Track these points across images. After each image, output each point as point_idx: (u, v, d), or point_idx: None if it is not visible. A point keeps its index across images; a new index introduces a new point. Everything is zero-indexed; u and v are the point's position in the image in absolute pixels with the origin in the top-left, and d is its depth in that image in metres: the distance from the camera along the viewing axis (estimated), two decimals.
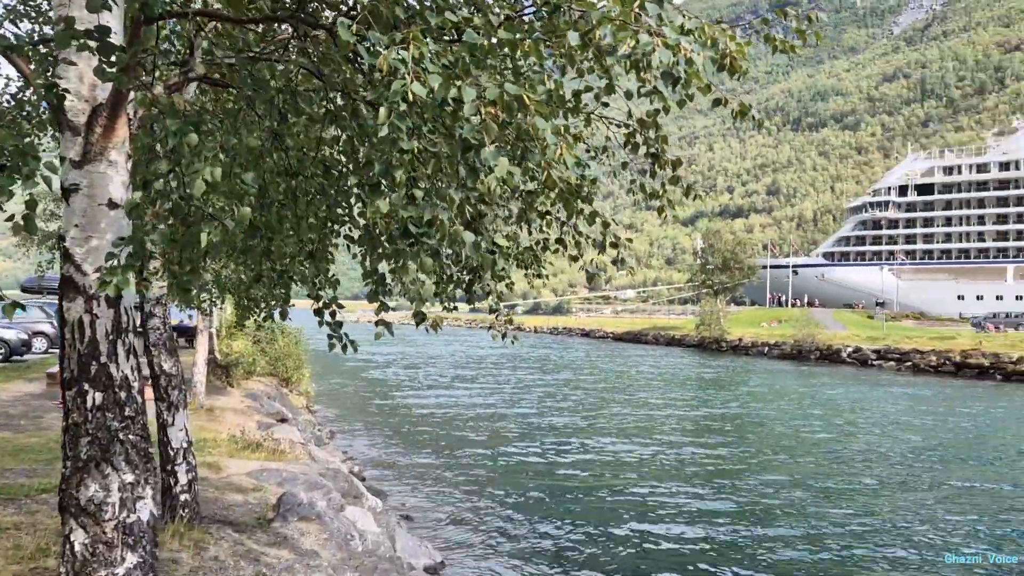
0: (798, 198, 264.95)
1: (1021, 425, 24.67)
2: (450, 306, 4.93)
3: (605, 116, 4.05)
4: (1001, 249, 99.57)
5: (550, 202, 4.05)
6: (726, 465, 17.19)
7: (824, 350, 54.59)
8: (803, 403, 29.72)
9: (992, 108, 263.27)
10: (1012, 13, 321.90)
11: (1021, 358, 40.79)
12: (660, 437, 20.87)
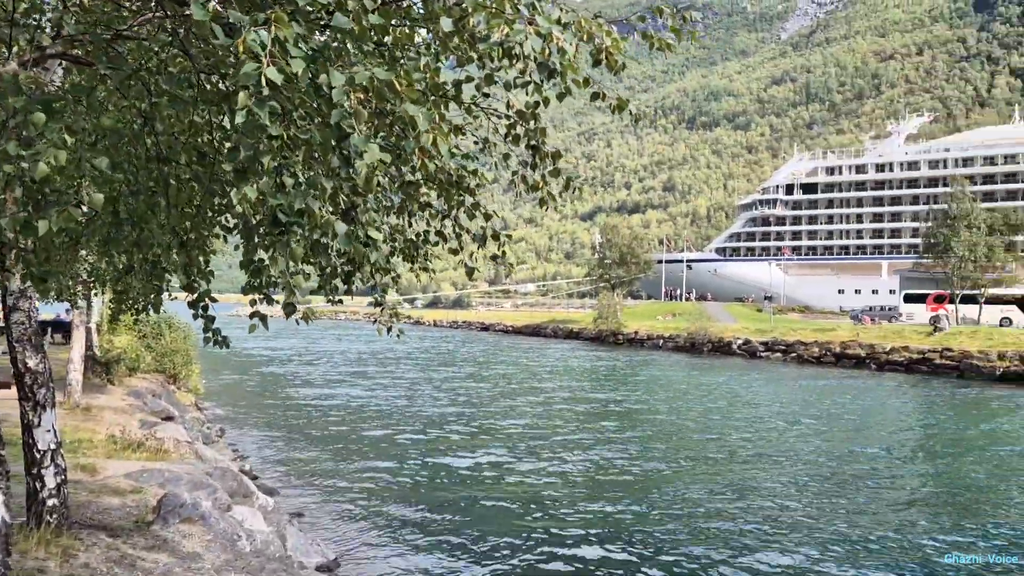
0: (693, 195, 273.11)
1: (894, 410, 26.20)
2: (334, 299, 4.80)
3: (487, 107, 4.02)
4: (877, 246, 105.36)
5: (433, 193, 3.99)
6: (621, 456, 17.55)
7: (716, 342, 56.48)
8: (696, 394, 30.68)
9: (870, 113, 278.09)
10: (887, 24, 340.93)
11: (893, 348, 43.29)
12: (557, 430, 21.12)
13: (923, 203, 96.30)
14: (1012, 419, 24.90)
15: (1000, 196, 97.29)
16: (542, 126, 3.84)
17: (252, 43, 2.42)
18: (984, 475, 16.19)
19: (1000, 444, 20.27)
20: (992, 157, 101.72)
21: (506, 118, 3.82)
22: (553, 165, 4.06)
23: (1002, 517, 12.80)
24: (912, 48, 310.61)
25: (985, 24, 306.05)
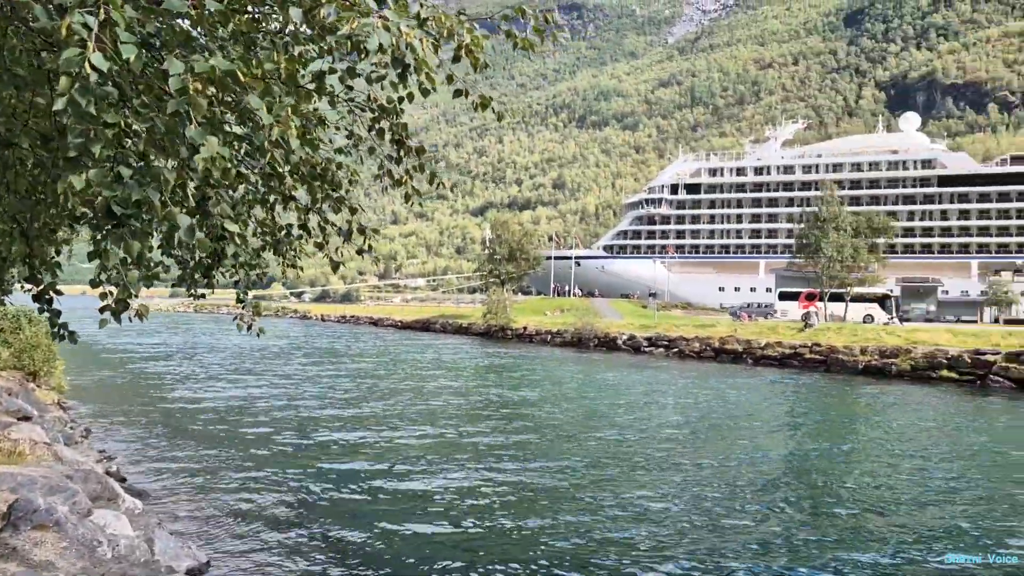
0: (582, 192, 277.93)
1: (769, 402, 27.49)
2: (195, 293, 4.62)
3: (352, 101, 3.94)
4: (755, 246, 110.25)
5: (297, 186, 3.88)
6: (506, 452, 17.68)
7: (602, 338, 57.71)
8: (583, 389, 31.26)
9: (750, 118, 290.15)
10: (766, 34, 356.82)
11: (768, 344, 45.37)
12: (443, 427, 21.09)
13: (797, 205, 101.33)
14: (872, 409, 26.53)
15: (865, 200, 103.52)
16: (403, 121, 3.80)
17: (77, 26, 2.25)
18: (849, 462, 17.18)
19: (862, 432, 21.57)
20: (859, 164, 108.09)
21: (370, 111, 3.76)
22: (419, 160, 4.03)
23: (862, 501, 13.62)
24: (789, 58, 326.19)
25: (854, 39, 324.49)
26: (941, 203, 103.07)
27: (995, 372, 32.90)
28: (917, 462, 17.32)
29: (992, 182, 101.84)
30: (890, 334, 43.89)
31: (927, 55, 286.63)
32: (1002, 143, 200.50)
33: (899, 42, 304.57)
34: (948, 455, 18.15)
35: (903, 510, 13.04)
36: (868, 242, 65.04)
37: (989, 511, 12.92)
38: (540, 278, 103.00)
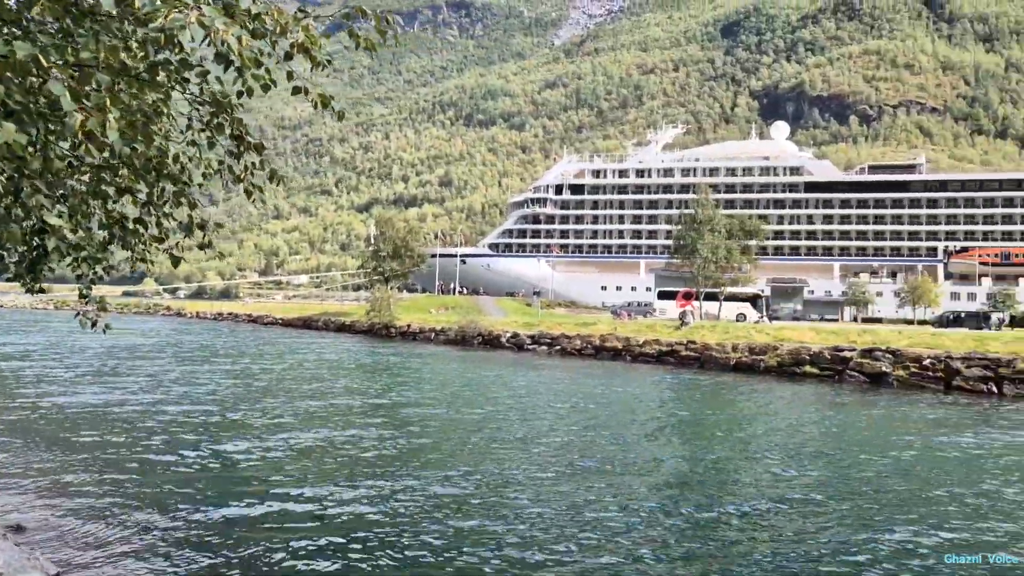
0: (468, 190, 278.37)
1: (645, 398, 28.28)
2: (33, 288, 4.28)
3: (196, 95, 3.74)
4: (636, 246, 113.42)
5: (133, 179, 3.64)
6: (387, 453, 17.43)
7: (486, 336, 57.92)
8: (463, 387, 31.24)
9: (633, 121, 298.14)
10: (648, 40, 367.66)
11: (646, 341, 46.70)
12: (321, 427, 20.61)
13: (676, 207, 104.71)
14: (742, 404, 27.71)
15: (739, 204, 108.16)
16: (238, 116, 3.63)
17: None
18: (722, 454, 17.84)
19: (732, 425, 22.48)
20: (733, 169, 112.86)
21: (208, 106, 3.58)
22: (259, 156, 3.86)
23: (739, 491, 14.17)
24: (670, 64, 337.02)
25: (730, 49, 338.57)
26: (808, 208, 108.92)
27: (851, 367, 35.00)
28: (783, 452, 18.19)
29: (852, 189, 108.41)
30: (760, 332, 45.98)
31: (796, 68, 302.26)
32: (862, 153, 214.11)
33: (771, 54, 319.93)
34: (809, 445, 19.14)
35: (775, 497, 13.64)
36: (741, 244, 68.00)
37: (849, 494, 13.71)
38: (425, 276, 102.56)
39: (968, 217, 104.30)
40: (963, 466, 17.06)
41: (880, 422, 23.42)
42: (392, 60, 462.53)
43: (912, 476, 15.95)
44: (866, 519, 12.53)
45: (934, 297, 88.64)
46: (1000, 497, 14.19)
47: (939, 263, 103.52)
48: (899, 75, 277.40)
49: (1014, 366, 30.65)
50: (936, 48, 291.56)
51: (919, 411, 26.04)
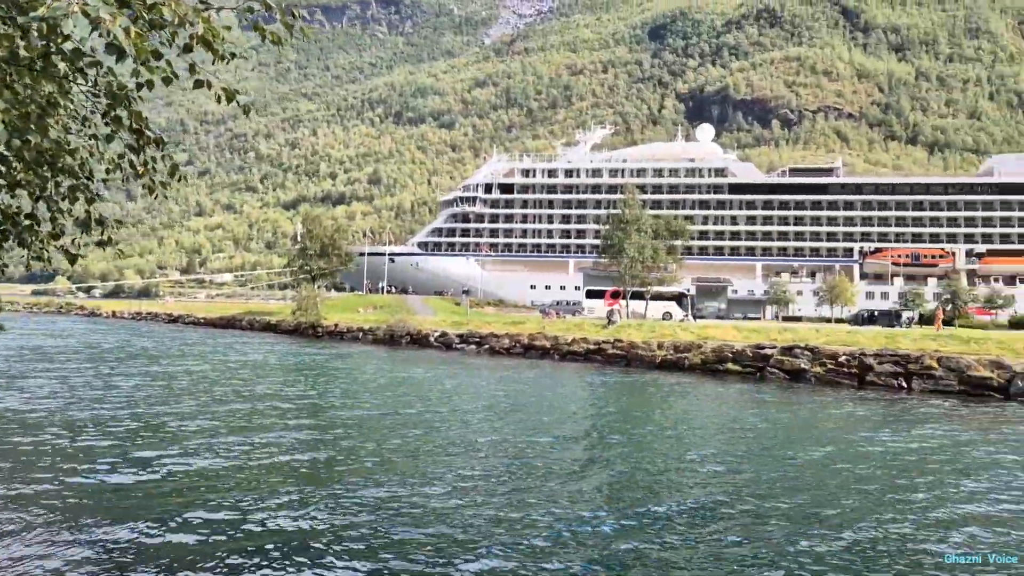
0: (398, 189, 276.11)
1: (572, 396, 28.45)
2: None
3: (85, 84, 3.52)
4: (565, 245, 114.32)
5: (27, 172, 3.40)
6: (315, 454, 17.07)
7: (414, 335, 57.55)
8: (390, 386, 30.90)
9: (562, 121, 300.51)
10: (578, 42, 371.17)
11: (574, 340, 47.06)
12: (244, 429, 20.07)
13: (604, 208, 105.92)
14: (670, 402, 28.14)
15: (665, 204, 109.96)
16: (137, 110, 3.44)
17: None
18: (651, 451, 18.03)
19: (657, 421, 22.79)
20: (660, 170, 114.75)
21: (104, 98, 3.37)
22: (161, 151, 3.67)
23: (668, 488, 14.33)
24: (599, 66, 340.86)
25: (657, 52, 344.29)
26: (731, 209, 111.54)
27: (772, 365, 35.94)
28: (710, 450, 18.51)
29: (774, 191, 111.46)
30: (684, 330, 46.83)
31: (721, 72, 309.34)
32: (783, 156, 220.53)
33: (697, 58, 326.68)
34: (735, 442, 19.53)
35: (706, 494, 13.84)
36: (667, 244, 69.17)
37: (776, 488, 14.01)
38: (354, 275, 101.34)
39: (881, 219, 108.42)
40: (879, 459, 17.65)
41: (801, 418, 24.08)
42: (320, 56, 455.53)
43: (833, 470, 16.42)
44: (795, 512, 12.83)
45: (850, 296, 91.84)
46: (915, 488, 14.72)
47: (855, 263, 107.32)
48: (818, 81, 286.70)
49: (921, 362, 31.93)
50: (852, 56, 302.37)
51: (836, 406, 26.88)
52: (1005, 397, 28.89)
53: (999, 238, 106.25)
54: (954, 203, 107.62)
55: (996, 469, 16.73)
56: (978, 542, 11.42)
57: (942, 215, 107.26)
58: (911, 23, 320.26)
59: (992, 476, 15.99)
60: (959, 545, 11.26)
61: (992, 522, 12.52)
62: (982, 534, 11.84)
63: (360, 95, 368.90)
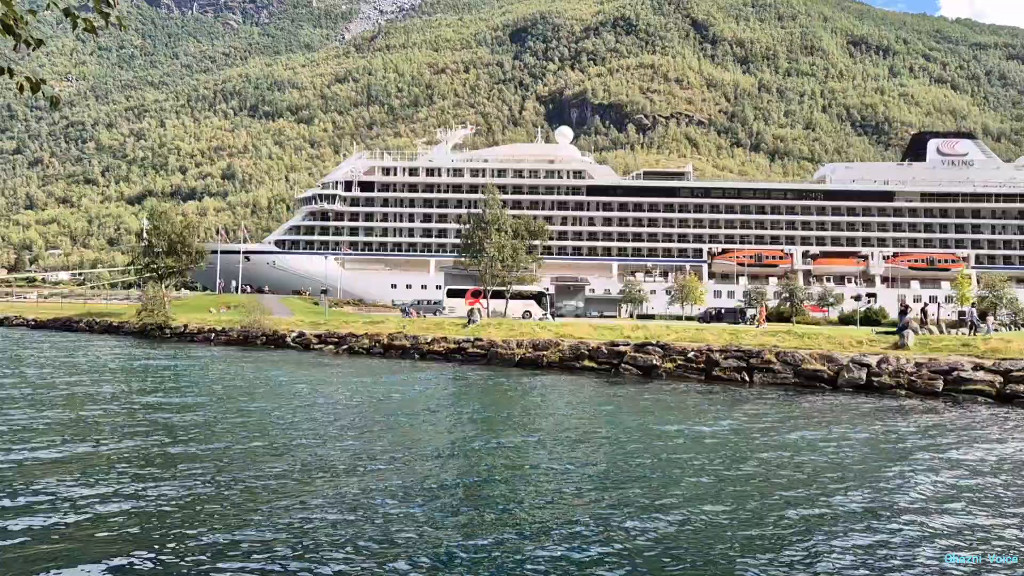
0: (254, 185, 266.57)
1: (431, 395, 28.29)
2: None
3: None
4: (426, 244, 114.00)
5: None
6: (154, 461, 16.11)
7: (270, 335, 55.70)
8: (241, 389, 29.70)
9: (424, 120, 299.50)
10: (440, 41, 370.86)
11: (434, 339, 46.92)
12: (76, 436, 18.69)
13: (465, 207, 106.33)
14: (529, 399, 28.51)
15: (525, 205, 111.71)
16: None
17: None
18: (511, 447, 18.13)
19: (521, 419, 23.01)
20: (520, 171, 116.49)
21: None
22: None
23: (529, 483, 14.42)
24: (461, 66, 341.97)
25: (519, 54, 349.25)
26: (589, 210, 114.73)
27: (626, 361, 37.15)
28: (569, 444, 18.85)
29: (630, 193, 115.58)
30: (543, 329, 47.64)
31: (580, 76, 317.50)
32: (638, 159, 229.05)
33: (557, 61, 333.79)
34: (593, 435, 19.99)
35: (566, 487, 14.03)
36: (526, 244, 70.16)
37: (625, 477, 14.41)
38: (206, 274, 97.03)
39: (728, 222, 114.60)
40: (715, 446, 18.54)
41: (650, 411, 24.97)
42: (168, 42, 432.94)
43: (675, 458, 17.10)
44: (645, 498, 13.24)
45: (699, 295, 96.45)
46: (757, 474, 15.55)
47: (704, 263, 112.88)
48: (671, 89, 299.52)
49: (761, 357, 33.91)
50: (702, 66, 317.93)
51: (683, 399, 28.08)
52: (833, 387, 31.10)
53: (831, 241, 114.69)
54: (792, 207, 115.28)
55: (809, 445, 17.97)
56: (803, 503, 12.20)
57: (782, 219, 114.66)
58: (755, 38, 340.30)
59: (802, 451, 17.16)
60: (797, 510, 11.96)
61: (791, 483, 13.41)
62: (802, 499, 12.66)
63: (213, 86, 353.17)
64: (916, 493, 14.30)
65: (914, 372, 30.27)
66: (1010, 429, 22.21)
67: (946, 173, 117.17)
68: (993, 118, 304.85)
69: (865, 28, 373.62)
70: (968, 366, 29.71)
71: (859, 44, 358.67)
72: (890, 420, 23.50)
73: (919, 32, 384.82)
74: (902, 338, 35.09)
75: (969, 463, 17.20)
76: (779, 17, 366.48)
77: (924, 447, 18.98)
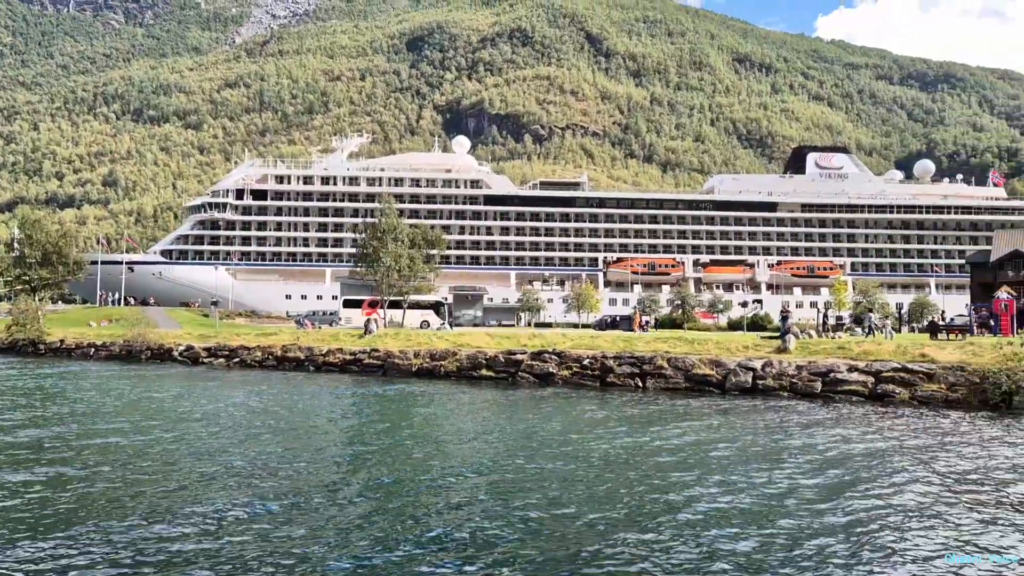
0: (138, 192, 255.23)
1: (327, 408, 27.70)
2: None
3: None
4: (322, 254, 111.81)
5: None
6: (12, 489, 15.13)
7: (156, 349, 53.43)
8: (121, 408, 28.31)
9: (319, 127, 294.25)
10: (335, 48, 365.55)
11: (330, 351, 46.02)
12: None
13: (362, 216, 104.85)
14: (427, 409, 28.28)
15: (423, 214, 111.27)
16: None
17: None
18: (403, 462, 17.90)
19: (419, 430, 22.77)
20: (418, 180, 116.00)
21: None
22: None
23: (430, 495, 14.24)
24: (357, 73, 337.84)
25: (415, 63, 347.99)
26: (487, 219, 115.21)
27: (523, 370, 37.42)
28: (465, 453, 18.78)
29: (527, 203, 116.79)
30: (440, 338, 47.44)
31: (477, 86, 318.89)
32: (535, 169, 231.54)
33: (454, 71, 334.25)
34: (491, 444, 19.99)
35: (465, 496, 13.94)
36: (424, 253, 69.79)
37: (533, 483, 14.45)
38: (86, 285, 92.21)
39: (622, 231, 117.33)
40: (610, 451, 18.88)
41: (547, 418, 25.20)
42: (42, 41, 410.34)
43: (570, 463, 17.30)
44: (556, 504, 13.31)
45: (595, 303, 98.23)
46: (650, 476, 15.89)
47: (599, 272, 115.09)
48: (566, 100, 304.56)
49: (654, 363, 34.79)
50: (597, 79, 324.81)
51: (578, 406, 28.48)
52: (722, 391, 32.20)
53: (719, 249, 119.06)
54: (683, 217, 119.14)
55: (694, 447, 18.56)
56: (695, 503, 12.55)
57: (674, 228, 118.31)
58: (646, 52, 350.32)
59: (681, 451, 17.72)
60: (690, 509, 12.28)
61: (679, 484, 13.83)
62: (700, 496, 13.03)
63: (92, 88, 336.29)
64: (760, 489, 14.95)
65: (795, 375, 31.68)
66: (855, 422, 23.50)
67: (824, 185, 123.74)
68: (865, 134, 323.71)
69: (749, 46, 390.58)
70: (844, 368, 31.31)
71: (743, 61, 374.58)
72: (753, 418, 24.51)
73: (798, 51, 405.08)
74: (784, 342, 36.66)
75: (810, 457, 18.11)
76: (669, 33, 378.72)
77: (773, 443, 19.88)
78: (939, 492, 15.00)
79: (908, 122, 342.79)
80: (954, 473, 16.79)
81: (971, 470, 17.15)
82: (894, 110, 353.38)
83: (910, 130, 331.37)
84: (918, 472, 16.84)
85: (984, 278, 75.74)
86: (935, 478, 16.24)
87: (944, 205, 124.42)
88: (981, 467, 17.47)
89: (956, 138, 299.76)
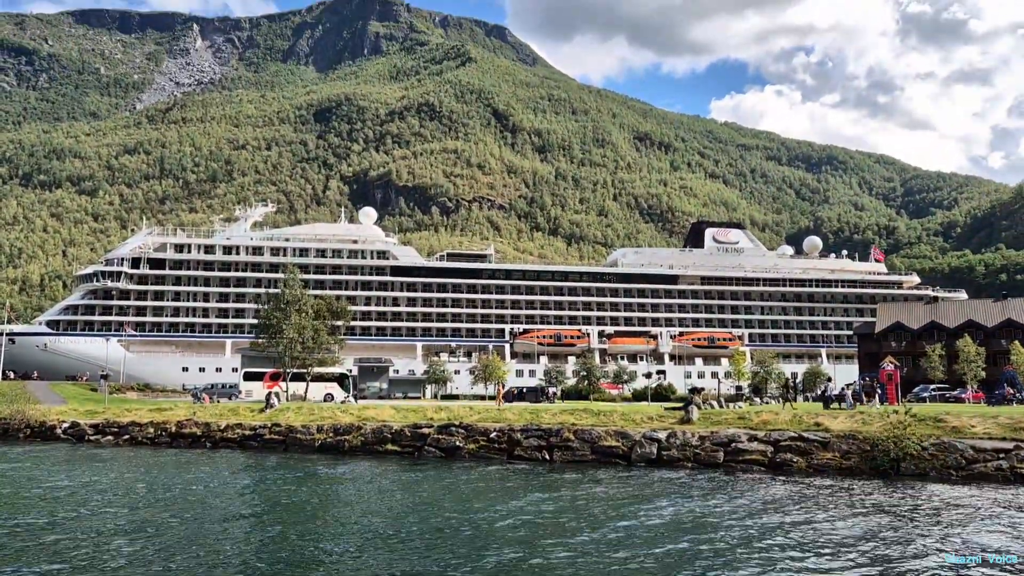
0: (24, 260, 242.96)
1: (222, 489, 26.42)
2: None
3: None
4: (222, 325, 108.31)
5: None
6: None
7: (36, 427, 50.20)
8: None
9: (222, 196, 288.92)
10: (241, 116, 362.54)
11: (228, 426, 44.30)
12: None
13: (265, 287, 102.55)
14: (328, 487, 27.37)
15: (328, 285, 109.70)
16: None
17: None
18: (308, 540, 17.20)
19: (319, 510, 21.98)
20: (323, 250, 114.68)
21: None
22: None
23: None
24: (262, 142, 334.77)
25: (323, 133, 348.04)
26: (393, 291, 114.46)
27: (429, 443, 36.89)
28: (365, 533, 18.21)
29: (433, 275, 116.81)
30: (345, 412, 46.38)
31: (384, 158, 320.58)
32: (442, 241, 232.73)
33: (361, 142, 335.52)
34: (397, 522, 19.46)
35: None
36: (328, 324, 68.47)
37: (442, 557, 14.06)
38: None
39: (528, 303, 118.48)
40: (524, 526, 18.68)
41: (453, 492, 24.80)
42: None
43: (491, 537, 17.01)
44: None
45: (502, 374, 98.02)
46: (542, 537, 15.76)
47: (506, 343, 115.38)
48: (473, 173, 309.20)
49: (560, 435, 34.91)
50: (503, 153, 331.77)
51: (484, 480, 28.16)
52: (628, 463, 32.48)
53: (624, 321, 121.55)
54: (588, 289, 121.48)
55: (607, 515, 18.60)
56: None
57: (579, 300, 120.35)
58: (551, 128, 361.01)
59: (593, 518, 17.74)
60: None
61: None
62: None
63: None
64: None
65: (699, 445, 32.31)
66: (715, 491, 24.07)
67: (721, 259, 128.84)
68: (758, 210, 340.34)
69: (649, 125, 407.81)
70: (744, 437, 32.15)
71: (644, 139, 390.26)
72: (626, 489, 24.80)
73: (694, 132, 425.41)
74: (687, 413, 37.44)
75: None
76: (573, 111, 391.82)
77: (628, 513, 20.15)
78: (799, 562, 15.43)
79: (796, 200, 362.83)
80: (822, 542, 17.32)
81: (841, 539, 17.73)
82: (784, 188, 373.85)
83: (798, 207, 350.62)
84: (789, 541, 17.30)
85: (870, 348, 79.83)
86: (798, 549, 16.72)
87: (832, 279, 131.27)
88: (852, 536, 18.10)
89: (840, 216, 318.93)
